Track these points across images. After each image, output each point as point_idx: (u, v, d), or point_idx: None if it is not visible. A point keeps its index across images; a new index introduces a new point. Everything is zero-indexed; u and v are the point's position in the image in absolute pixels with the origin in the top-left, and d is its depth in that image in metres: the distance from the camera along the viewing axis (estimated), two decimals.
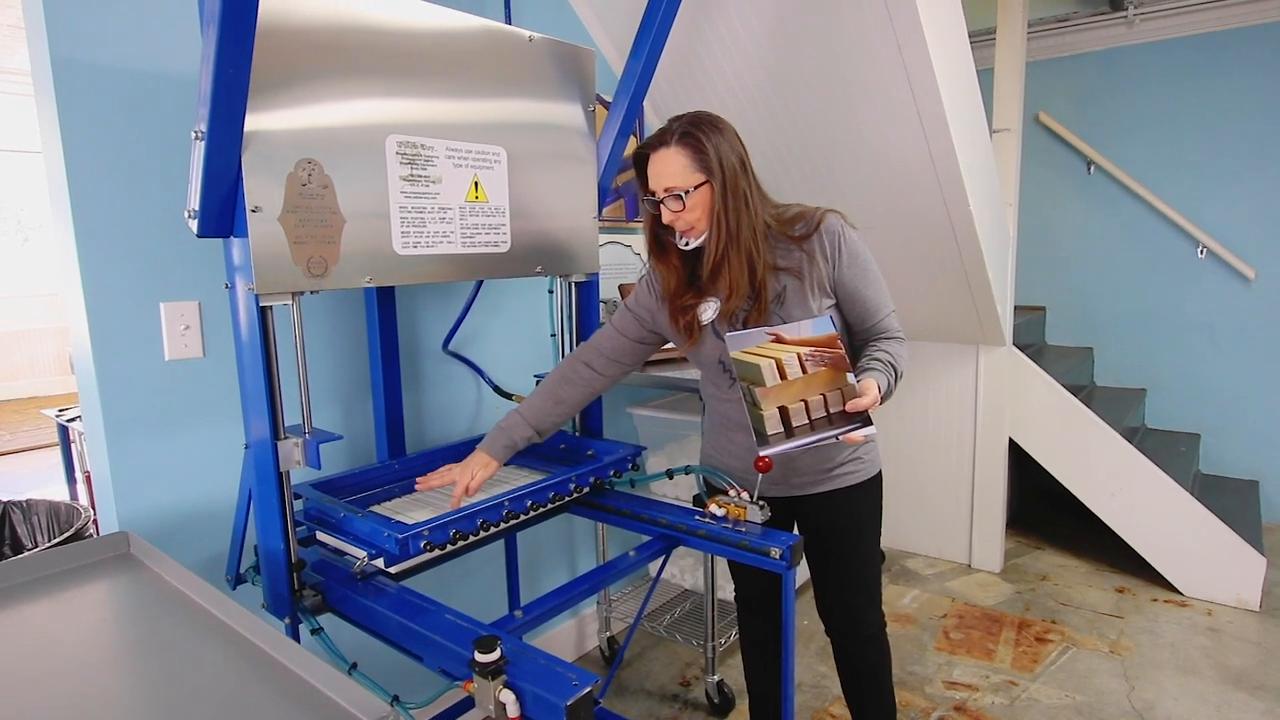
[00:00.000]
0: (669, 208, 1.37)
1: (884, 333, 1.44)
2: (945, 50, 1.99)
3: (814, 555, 1.58)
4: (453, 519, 1.24)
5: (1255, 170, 3.38)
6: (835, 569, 1.56)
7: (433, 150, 1.37)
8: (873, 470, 1.54)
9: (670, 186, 1.35)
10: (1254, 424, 3.50)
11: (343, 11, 1.22)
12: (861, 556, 1.55)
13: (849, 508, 1.52)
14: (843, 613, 1.58)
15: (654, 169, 1.38)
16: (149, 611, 1.01)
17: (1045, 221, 3.87)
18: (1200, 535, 2.76)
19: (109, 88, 1.33)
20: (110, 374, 1.36)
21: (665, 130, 1.38)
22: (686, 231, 1.40)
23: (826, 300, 1.42)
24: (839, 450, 1.48)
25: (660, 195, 1.37)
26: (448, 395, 1.98)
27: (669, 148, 1.36)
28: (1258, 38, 3.31)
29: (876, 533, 1.57)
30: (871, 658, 1.61)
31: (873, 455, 1.54)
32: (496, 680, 0.92)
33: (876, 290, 1.44)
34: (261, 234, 1.14)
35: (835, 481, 1.50)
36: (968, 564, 3.10)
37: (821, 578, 1.59)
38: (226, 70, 1.00)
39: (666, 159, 1.36)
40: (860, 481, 1.51)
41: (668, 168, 1.36)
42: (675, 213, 1.37)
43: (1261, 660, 2.36)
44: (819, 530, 1.55)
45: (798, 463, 1.48)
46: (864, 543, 1.55)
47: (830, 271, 1.41)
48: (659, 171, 1.37)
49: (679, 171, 1.35)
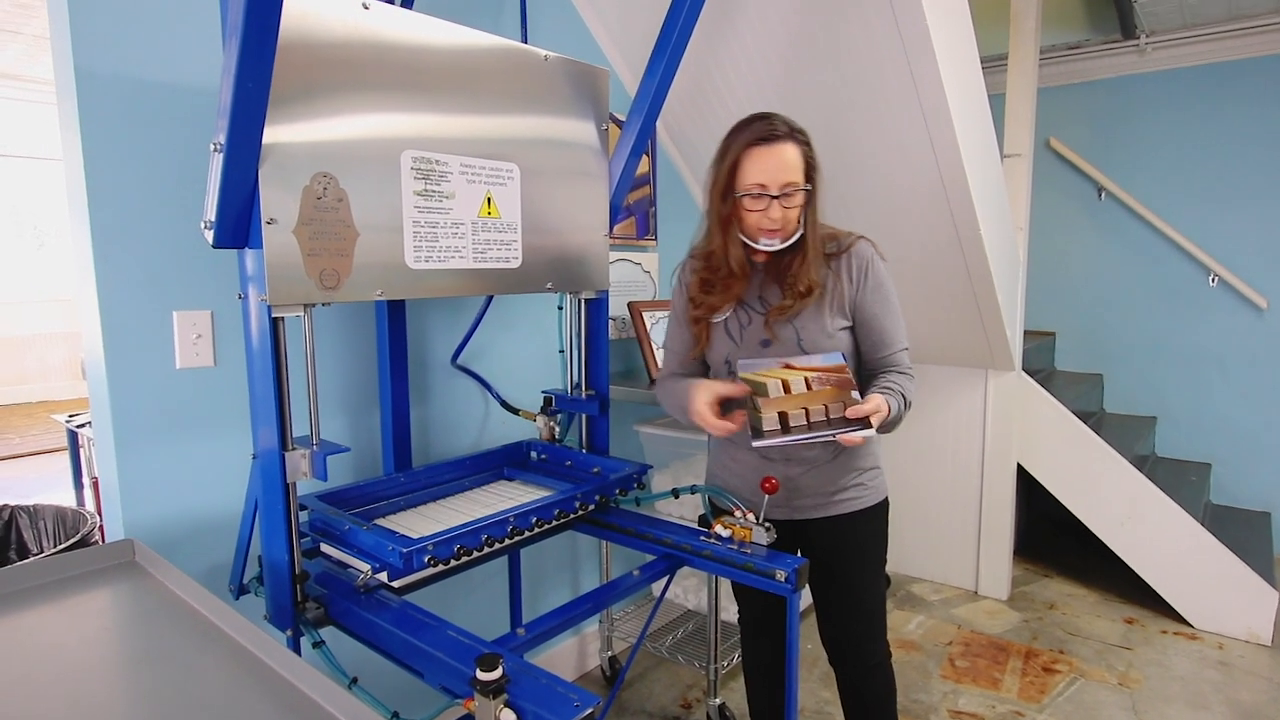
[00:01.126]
0: (783, 203, 1.34)
1: (895, 366, 1.44)
2: (957, 75, 2.00)
3: (816, 582, 1.56)
4: (457, 534, 1.24)
5: (1267, 199, 3.38)
6: (837, 596, 1.54)
7: (447, 166, 1.39)
8: (878, 497, 1.52)
9: (790, 182, 1.33)
10: (1266, 455, 3.46)
11: (363, 28, 1.24)
12: (864, 584, 1.53)
13: (853, 533, 1.50)
14: (845, 642, 1.56)
15: (771, 161, 1.33)
16: (152, 620, 1.01)
17: (1056, 247, 3.87)
18: (1211, 567, 2.72)
19: (130, 98, 1.35)
20: (121, 380, 1.37)
21: (770, 125, 1.34)
22: (775, 231, 1.37)
23: (842, 321, 1.42)
24: (843, 473, 1.47)
25: (776, 191, 1.33)
26: (455, 409, 1.98)
27: (787, 142, 1.33)
28: (1269, 68, 3.31)
29: (881, 561, 1.55)
30: (876, 688, 1.58)
31: (878, 482, 1.53)
32: (498, 699, 0.92)
33: (894, 323, 1.45)
34: (276, 246, 1.15)
35: (840, 506, 1.48)
36: (974, 591, 3.07)
37: (824, 605, 1.57)
38: (247, 83, 1.01)
39: (785, 152, 1.33)
40: (865, 507, 1.50)
41: (789, 161, 1.33)
42: (786, 210, 1.34)
43: (1273, 696, 2.32)
44: (822, 556, 1.53)
45: (800, 484, 1.47)
46: (867, 570, 1.53)
47: (852, 293, 1.42)
48: (780, 164, 1.33)
49: (796, 166, 1.34)
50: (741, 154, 1.36)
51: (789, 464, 1.47)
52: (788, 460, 1.47)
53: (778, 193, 1.33)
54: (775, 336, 1.43)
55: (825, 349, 1.41)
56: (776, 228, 1.37)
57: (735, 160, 1.37)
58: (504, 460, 1.75)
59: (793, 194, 1.34)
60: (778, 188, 1.33)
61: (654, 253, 2.62)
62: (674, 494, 1.59)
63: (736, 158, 1.36)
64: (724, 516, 1.44)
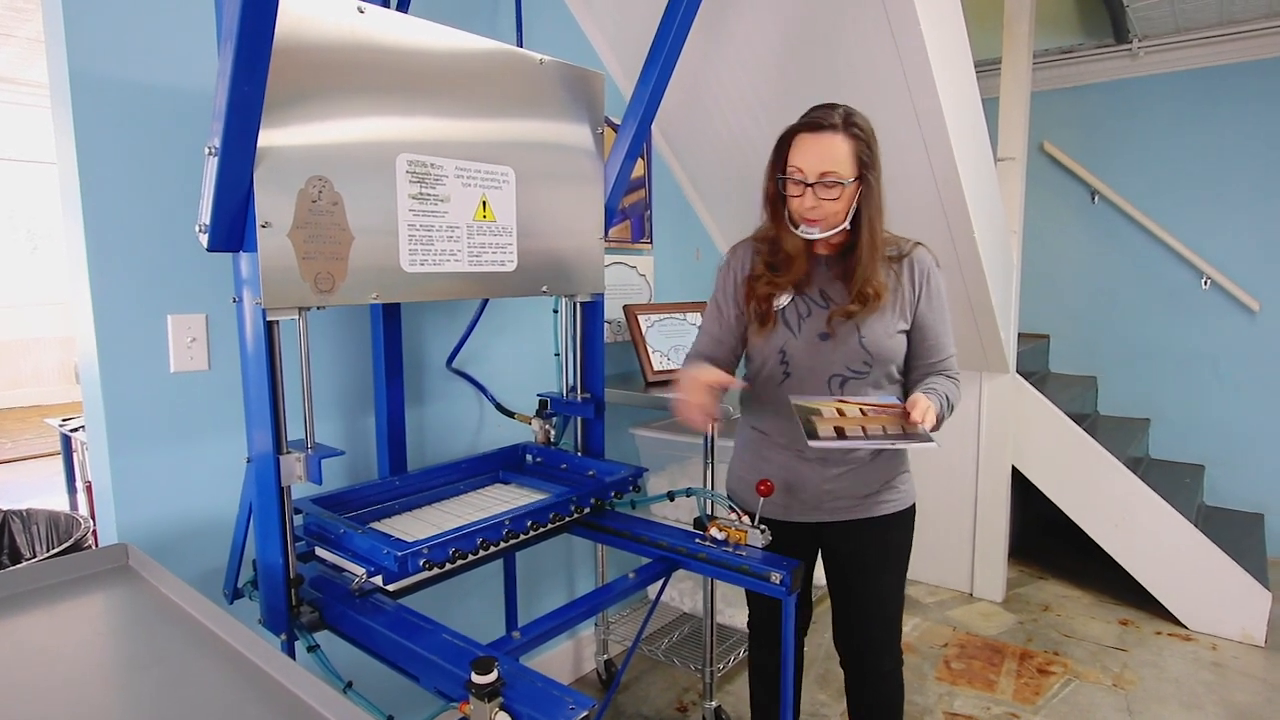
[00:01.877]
0: (819, 194, 1.33)
1: (944, 371, 1.46)
2: (951, 79, 2.01)
3: (838, 584, 1.55)
4: (452, 537, 1.24)
5: (1259, 202, 3.40)
6: (859, 600, 1.53)
7: (442, 169, 1.39)
8: (908, 501, 1.52)
9: (829, 172, 1.32)
10: (1259, 457, 3.48)
11: (358, 31, 1.24)
12: (888, 589, 1.52)
13: (882, 538, 1.50)
14: (864, 648, 1.55)
15: (813, 149, 1.33)
16: (145, 625, 1.01)
17: (1049, 250, 3.88)
18: (1204, 568, 2.73)
19: (125, 101, 1.35)
20: (115, 384, 1.37)
21: (825, 114, 1.34)
22: (817, 221, 1.36)
23: (902, 324, 1.43)
24: (879, 476, 1.47)
25: (813, 179, 1.33)
26: (450, 412, 1.98)
27: (836, 133, 1.33)
28: (1261, 71, 3.34)
29: (904, 568, 1.54)
30: (885, 694, 1.57)
31: (909, 486, 1.53)
32: (493, 703, 0.92)
33: (946, 330, 1.46)
34: (270, 249, 1.15)
35: (870, 509, 1.48)
36: (969, 593, 3.07)
37: (844, 608, 1.56)
38: (242, 87, 1.01)
39: (832, 143, 1.32)
40: (895, 512, 1.49)
41: (833, 152, 1.32)
42: (822, 200, 1.33)
43: (1267, 698, 2.33)
44: (848, 559, 1.52)
45: (836, 486, 1.47)
46: (892, 576, 1.52)
47: (913, 300, 1.43)
48: (820, 153, 1.32)
49: (841, 159, 1.33)
50: (793, 137, 1.38)
51: (827, 464, 1.46)
52: (825, 462, 1.46)
53: (814, 180, 1.33)
54: (834, 332, 1.42)
55: (885, 349, 1.42)
56: (814, 217, 1.36)
57: (787, 143, 1.39)
58: (499, 463, 1.75)
59: (831, 185, 1.32)
60: (814, 176, 1.33)
61: (649, 256, 2.62)
62: (669, 497, 1.59)
63: (789, 140, 1.38)
64: (719, 519, 1.45)
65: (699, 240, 2.86)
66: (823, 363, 1.43)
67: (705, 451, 2.04)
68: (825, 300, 1.44)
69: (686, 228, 2.80)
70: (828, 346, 1.42)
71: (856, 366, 1.42)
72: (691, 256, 2.83)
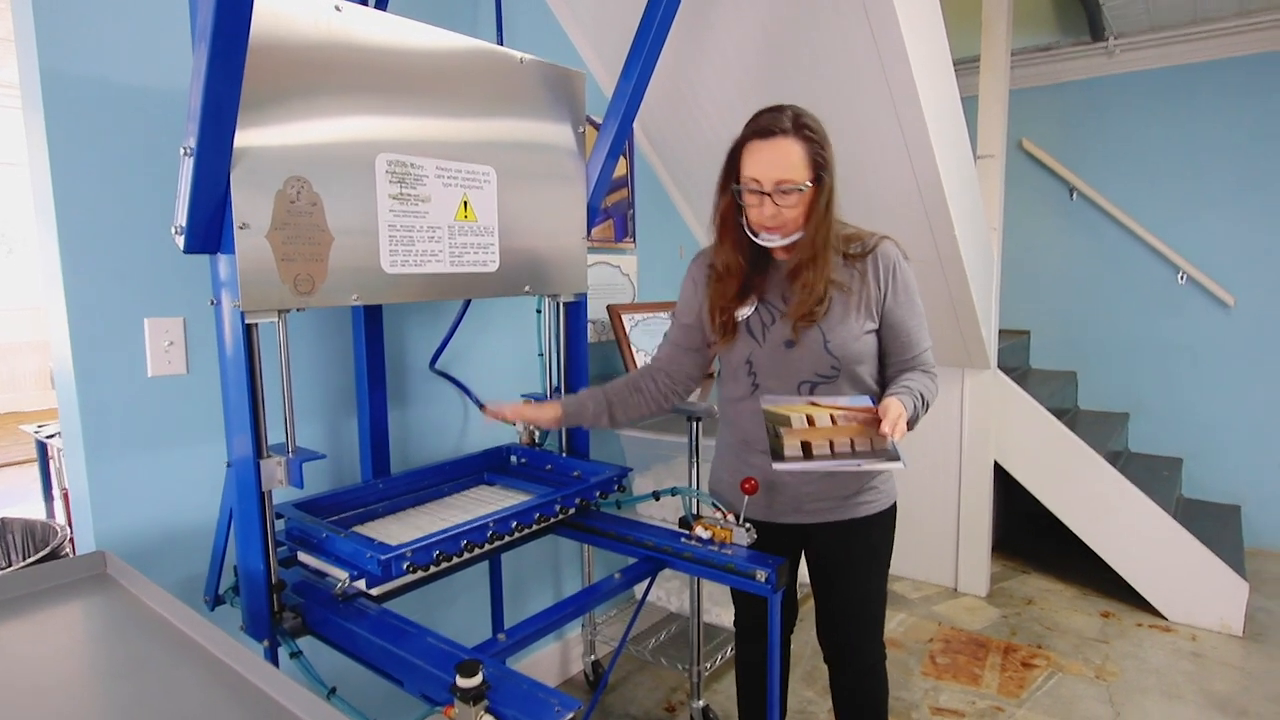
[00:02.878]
0: (777, 201, 1.30)
1: (920, 365, 1.43)
2: (931, 77, 2.02)
3: (820, 584, 1.56)
4: (437, 540, 1.23)
5: (1234, 198, 3.45)
6: (841, 600, 1.53)
7: (422, 169, 1.38)
8: (889, 501, 1.51)
9: (785, 179, 1.29)
10: (1235, 449, 3.54)
11: (336, 31, 1.23)
12: (869, 589, 1.52)
13: (864, 538, 1.50)
14: (845, 646, 1.56)
15: (766, 156, 1.30)
16: (124, 633, 0.99)
17: (1029, 247, 3.92)
18: (1183, 560, 2.77)
19: (98, 101, 1.33)
20: (91, 389, 1.35)
21: (774, 118, 1.30)
22: (776, 228, 1.34)
23: (869, 323, 1.40)
24: (859, 478, 1.46)
25: (768, 188, 1.30)
26: (434, 414, 1.97)
27: (787, 137, 1.29)
28: (1233, 68, 3.39)
29: (886, 565, 1.55)
30: (869, 690, 1.58)
31: (889, 486, 1.52)
32: (478, 706, 0.91)
33: (919, 324, 1.43)
34: (248, 251, 1.14)
35: (851, 510, 1.47)
36: (954, 588, 3.10)
37: (826, 607, 1.56)
38: (217, 87, 1.00)
39: (785, 148, 1.29)
40: (876, 512, 1.49)
41: (786, 158, 1.28)
42: (781, 207, 1.30)
43: (1245, 686, 2.36)
44: (830, 559, 1.52)
45: (814, 489, 1.46)
46: (873, 575, 1.52)
47: (880, 297, 1.40)
48: (774, 160, 1.29)
49: (797, 164, 1.29)
50: (743, 146, 1.35)
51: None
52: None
53: (770, 189, 1.30)
54: (799, 338, 1.39)
55: (852, 352, 1.38)
56: (773, 225, 1.34)
57: (738, 152, 1.36)
58: (484, 465, 1.74)
59: (789, 192, 1.30)
60: (771, 184, 1.30)
61: (633, 255, 2.62)
62: (655, 497, 1.59)
63: (739, 149, 1.35)
64: (704, 518, 1.45)
65: (683, 239, 2.86)
66: (789, 370, 1.41)
67: (690, 451, 2.04)
68: (785, 305, 1.41)
69: (670, 227, 2.80)
70: (794, 354, 1.40)
71: (824, 371, 1.40)
72: (675, 255, 2.83)
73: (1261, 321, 3.43)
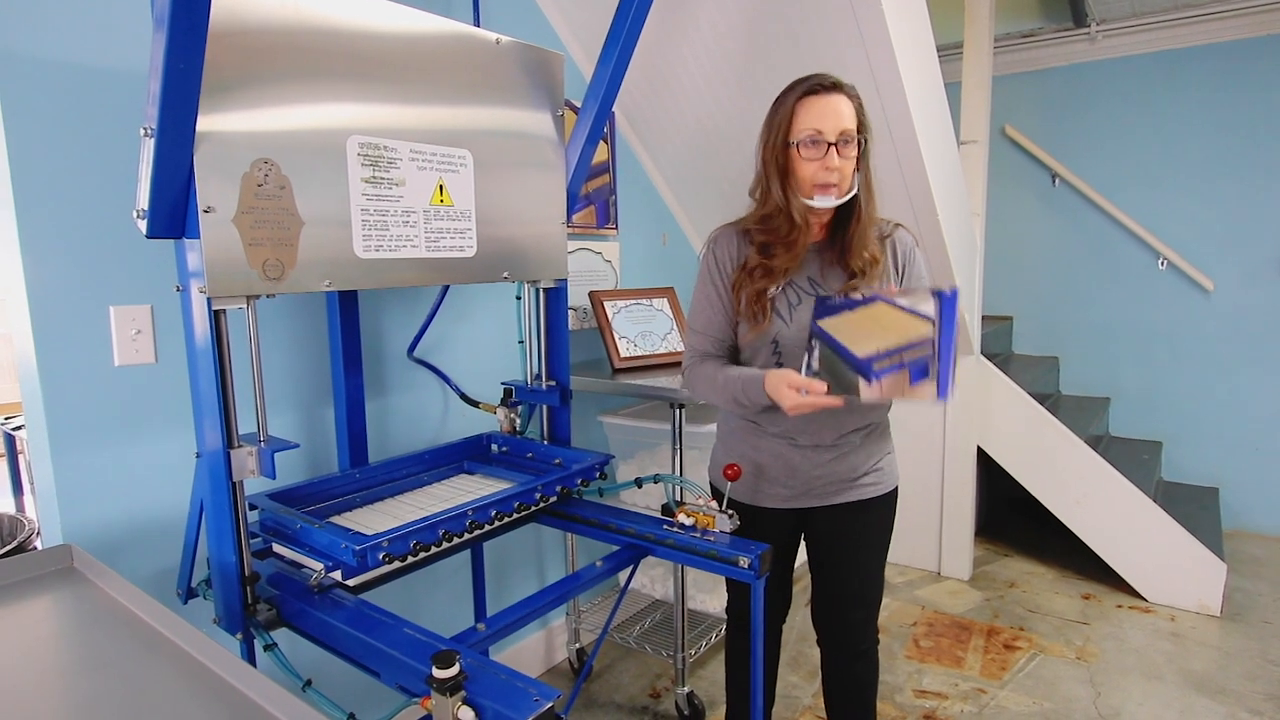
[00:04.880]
0: (841, 151, 1.32)
1: None
2: (914, 63, 2.01)
3: (821, 567, 1.55)
4: (414, 529, 1.21)
5: (1213, 184, 3.47)
6: (843, 582, 1.53)
7: (396, 152, 1.35)
8: (892, 483, 1.52)
9: (848, 129, 1.32)
10: (1214, 432, 3.57)
11: (302, 11, 1.19)
12: (871, 571, 1.53)
13: (866, 520, 1.50)
14: (839, 628, 1.56)
15: (828, 109, 1.32)
16: (91, 628, 0.97)
17: (1011, 232, 3.93)
18: (1163, 542, 2.80)
19: (56, 82, 1.28)
20: (55, 380, 1.31)
21: (822, 78, 1.34)
22: (831, 186, 1.34)
23: None
24: (867, 459, 1.47)
25: (833, 138, 1.31)
26: (413, 402, 1.94)
27: (840, 92, 1.33)
28: (1214, 55, 3.40)
29: (885, 548, 1.55)
30: (861, 674, 1.58)
31: (893, 468, 1.53)
32: (455, 697, 0.89)
33: None
34: (215, 235, 1.10)
35: (859, 492, 1.48)
36: (937, 572, 3.12)
37: (823, 590, 1.56)
38: (177, 66, 0.96)
39: (840, 102, 1.32)
40: (879, 495, 1.49)
41: (845, 110, 1.32)
42: (843, 159, 1.32)
43: (1223, 665, 2.39)
44: (833, 542, 1.52)
45: (825, 470, 1.46)
46: (874, 558, 1.53)
47: (897, 281, 1.43)
48: (837, 111, 1.32)
49: (850, 118, 1.33)
50: (796, 104, 1.35)
51: (817, 450, 1.45)
52: (816, 446, 1.45)
53: (834, 139, 1.32)
54: None
55: None
56: (834, 180, 1.34)
57: (790, 111, 1.35)
58: (464, 454, 1.72)
59: (850, 143, 1.32)
60: (835, 134, 1.32)
61: (615, 241, 2.59)
62: (637, 483, 1.58)
63: (791, 108, 1.35)
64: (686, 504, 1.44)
65: (666, 225, 2.84)
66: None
67: (674, 438, 2.03)
68: (813, 287, 1.41)
69: (653, 213, 2.77)
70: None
71: None
72: (658, 242, 2.81)
73: (1240, 306, 3.46)
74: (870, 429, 1.48)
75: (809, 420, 1.41)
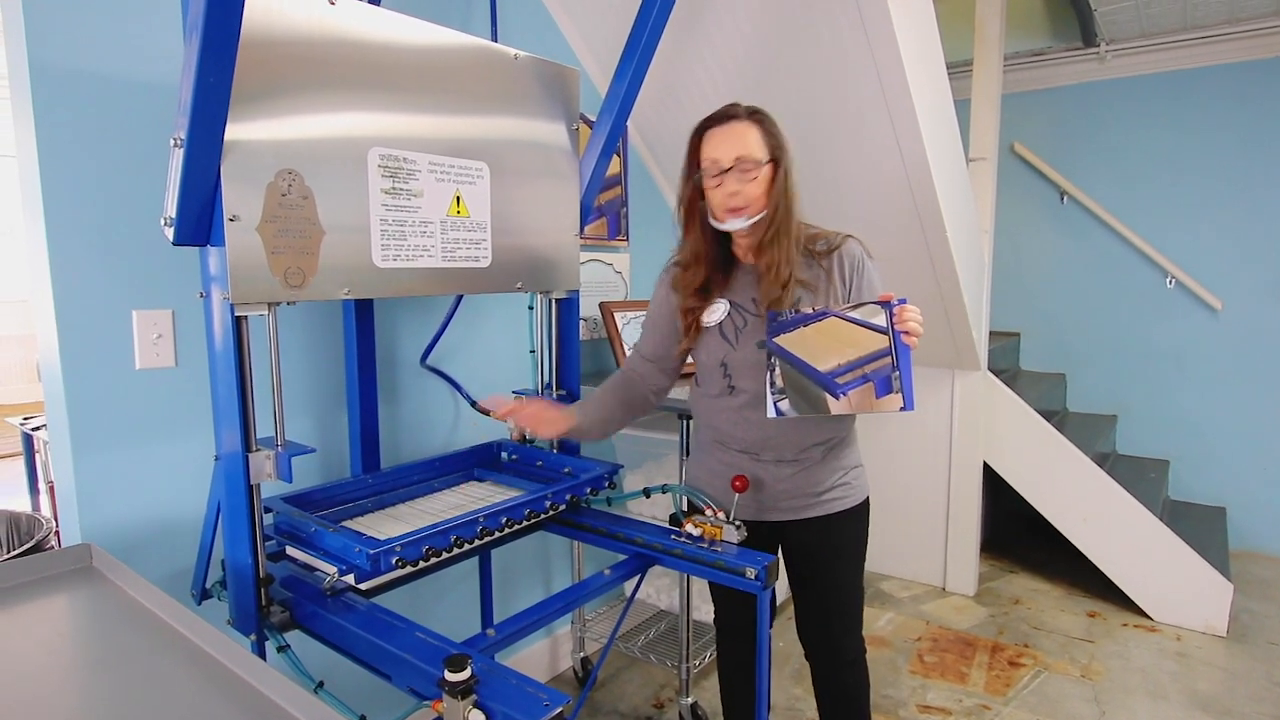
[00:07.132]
0: (738, 178, 1.37)
1: None
2: (923, 80, 2.03)
3: (796, 581, 1.57)
4: (426, 535, 1.23)
5: (1222, 203, 3.48)
6: (819, 596, 1.54)
7: (415, 164, 1.37)
8: (860, 496, 1.53)
9: (744, 156, 1.36)
10: (1222, 451, 3.56)
11: (329, 25, 1.23)
12: (844, 583, 1.54)
13: (838, 533, 1.51)
14: (823, 639, 1.57)
15: (723, 139, 1.38)
16: (110, 626, 0.99)
17: (1020, 249, 3.94)
18: (1169, 561, 2.79)
19: (87, 92, 1.32)
20: (78, 382, 1.34)
21: (728, 107, 1.40)
22: (739, 210, 1.39)
23: None
24: (830, 473, 1.49)
25: (729, 164, 1.36)
26: (424, 410, 1.96)
27: (741, 121, 1.38)
28: (1224, 76, 3.42)
29: (861, 560, 1.56)
30: (850, 684, 1.59)
31: (861, 481, 1.54)
32: (466, 700, 0.91)
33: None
34: (239, 243, 1.13)
35: (823, 507, 1.49)
36: (942, 587, 3.11)
37: (803, 604, 1.57)
38: (208, 79, 0.99)
39: (740, 131, 1.37)
40: (848, 508, 1.50)
41: (742, 138, 1.37)
42: (740, 184, 1.37)
43: (1229, 686, 2.38)
44: (803, 556, 1.54)
45: (788, 485, 1.48)
46: (848, 570, 1.54)
47: (844, 294, 1.43)
48: (732, 140, 1.37)
49: (753, 144, 1.37)
50: (700, 137, 1.42)
51: (779, 464, 1.47)
52: (778, 461, 1.47)
53: (730, 165, 1.36)
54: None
55: None
56: (737, 205, 1.38)
57: (696, 144, 1.42)
58: (474, 461, 1.74)
59: (749, 169, 1.36)
60: (731, 160, 1.37)
61: (625, 253, 2.62)
62: (645, 493, 1.59)
63: (696, 141, 1.43)
64: (695, 515, 1.45)
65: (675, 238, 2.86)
66: (764, 370, 1.43)
67: (681, 449, 2.04)
68: (756, 307, 1.44)
69: (663, 225, 2.80)
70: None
71: None
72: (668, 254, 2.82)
73: (1249, 325, 3.46)
74: (832, 443, 1.49)
75: (769, 435, 1.45)
